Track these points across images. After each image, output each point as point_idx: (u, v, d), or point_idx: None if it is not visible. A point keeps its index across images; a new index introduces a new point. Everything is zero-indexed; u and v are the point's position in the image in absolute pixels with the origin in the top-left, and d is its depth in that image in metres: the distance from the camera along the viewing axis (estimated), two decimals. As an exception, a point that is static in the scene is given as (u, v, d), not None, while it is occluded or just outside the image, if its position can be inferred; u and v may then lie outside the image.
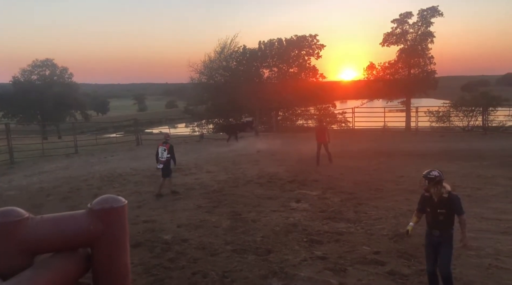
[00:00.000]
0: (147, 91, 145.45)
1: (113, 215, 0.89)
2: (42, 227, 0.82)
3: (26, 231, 0.79)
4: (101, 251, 0.87)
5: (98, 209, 0.88)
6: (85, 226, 0.84)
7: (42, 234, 0.80)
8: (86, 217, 0.87)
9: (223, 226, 8.03)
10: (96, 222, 0.86)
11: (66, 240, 0.83)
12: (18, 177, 14.58)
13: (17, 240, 0.78)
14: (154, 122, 55.08)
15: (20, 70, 50.62)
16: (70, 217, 0.88)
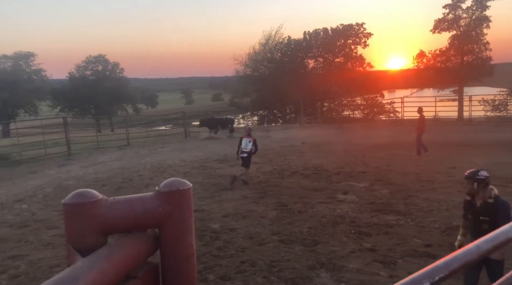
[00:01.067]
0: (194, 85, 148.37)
1: (179, 197, 0.93)
2: (115, 208, 0.88)
3: (100, 211, 0.85)
4: (169, 232, 0.92)
5: (166, 191, 0.93)
6: (154, 208, 0.90)
7: (115, 214, 0.86)
8: (155, 199, 0.92)
9: (270, 216, 8.10)
10: (164, 203, 0.91)
11: (136, 220, 0.88)
12: (75, 168, 15.39)
13: (93, 219, 0.84)
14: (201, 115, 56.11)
15: (75, 66, 53.15)
16: (140, 199, 0.93)
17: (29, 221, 8.72)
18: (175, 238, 0.93)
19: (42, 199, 10.74)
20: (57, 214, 9.13)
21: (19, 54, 49.69)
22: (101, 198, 0.89)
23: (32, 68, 50.22)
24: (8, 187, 12.56)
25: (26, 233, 7.86)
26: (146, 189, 11.31)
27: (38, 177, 14.00)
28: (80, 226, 0.83)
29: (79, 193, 0.89)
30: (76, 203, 0.85)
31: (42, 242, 7.30)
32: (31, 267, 6.19)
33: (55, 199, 10.57)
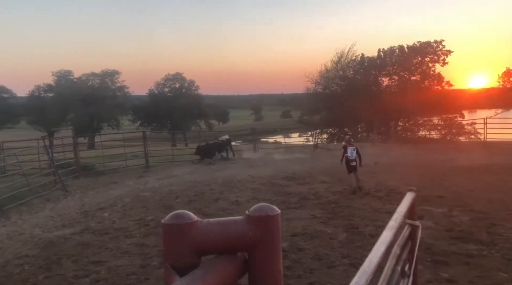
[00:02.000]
0: (264, 102, 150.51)
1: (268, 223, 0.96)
2: (209, 230, 0.92)
3: (196, 232, 0.90)
4: (258, 256, 0.94)
5: (256, 216, 0.96)
6: (245, 232, 0.92)
7: (208, 236, 0.90)
8: (245, 223, 0.95)
9: (339, 238, 7.90)
10: (253, 228, 0.93)
11: (228, 243, 0.91)
12: (152, 180, 16.23)
13: (189, 240, 0.88)
14: (270, 132, 56.77)
15: (155, 83, 56.62)
16: (232, 222, 0.96)
17: (109, 229, 9.30)
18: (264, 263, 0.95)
19: (121, 208, 11.42)
20: (134, 224, 9.64)
21: (105, 72, 54.03)
22: (197, 219, 0.94)
23: (116, 85, 54.33)
24: (92, 195, 13.55)
25: (106, 240, 8.39)
26: (216, 203, 11.59)
27: (118, 187, 14.95)
28: (178, 246, 0.88)
29: (177, 214, 0.94)
30: (175, 224, 0.90)
31: (120, 249, 7.74)
32: (110, 273, 6.58)
33: (133, 209, 11.19)
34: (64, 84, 52.28)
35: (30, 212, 11.42)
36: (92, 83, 53.17)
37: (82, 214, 10.95)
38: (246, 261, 0.99)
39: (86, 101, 49.45)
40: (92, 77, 53.93)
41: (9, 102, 53.48)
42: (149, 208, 11.26)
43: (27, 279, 6.55)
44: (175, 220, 0.92)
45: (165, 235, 0.94)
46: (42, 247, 8.13)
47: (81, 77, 53.80)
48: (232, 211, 10.54)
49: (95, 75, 53.92)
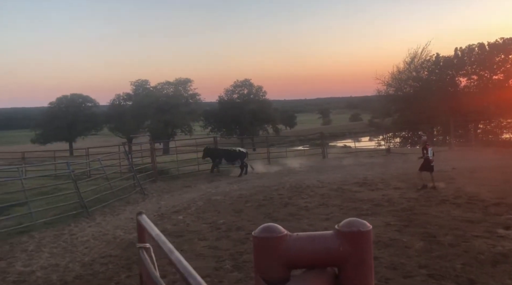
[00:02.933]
0: (332, 105, 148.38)
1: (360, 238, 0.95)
2: (298, 243, 0.93)
3: (285, 246, 0.91)
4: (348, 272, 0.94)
5: (346, 231, 0.95)
6: (335, 246, 0.92)
7: (298, 250, 0.91)
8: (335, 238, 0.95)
9: (416, 247, 7.54)
10: (344, 243, 0.93)
11: (318, 258, 0.92)
12: (222, 184, 16.66)
13: (279, 254, 0.90)
14: (338, 136, 55.74)
15: (224, 90, 58.20)
16: (321, 236, 0.97)
17: (184, 231, 9.69)
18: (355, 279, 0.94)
19: (195, 211, 11.85)
20: (207, 227, 9.96)
21: (179, 80, 56.58)
22: (286, 233, 0.96)
23: (188, 93, 56.65)
24: (168, 198, 14.22)
25: (181, 242, 8.75)
26: (285, 208, 11.60)
27: (191, 190, 15.54)
28: (268, 259, 0.90)
29: (268, 227, 0.97)
30: (265, 237, 0.92)
31: (194, 252, 8.03)
32: (185, 274, 6.85)
33: (206, 212, 11.57)
34: (141, 93, 55.53)
35: (112, 213, 12.23)
36: (166, 92, 55.94)
37: (159, 216, 11.52)
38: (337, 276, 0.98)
39: (161, 109, 52.12)
40: (166, 85, 56.76)
41: (93, 111, 57.83)
42: (220, 211, 11.56)
43: (111, 278, 7.02)
44: (266, 233, 0.95)
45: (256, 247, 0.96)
46: (123, 248, 8.67)
47: (156, 86, 56.84)
48: (301, 216, 10.50)
49: (169, 83, 56.68)
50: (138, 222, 2.59)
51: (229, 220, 10.45)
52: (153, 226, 2.34)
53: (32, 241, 9.51)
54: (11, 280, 7.13)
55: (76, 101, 56.80)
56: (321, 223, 9.67)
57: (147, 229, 2.35)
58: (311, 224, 9.56)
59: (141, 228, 2.56)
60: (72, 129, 54.17)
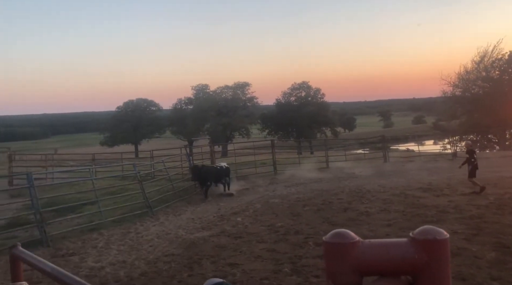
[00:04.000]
0: (393, 108, 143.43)
1: (436, 247, 0.92)
2: (371, 250, 0.92)
3: (358, 252, 0.91)
4: (424, 282, 0.91)
5: (422, 239, 0.93)
6: (410, 255, 0.90)
7: (371, 257, 0.90)
8: (410, 246, 0.93)
9: (487, 257, 7.07)
10: (419, 252, 0.90)
11: (391, 265, 0.90)
12: (280, 187, 16.67)
13: (351, 260, 0.90)
14: (400, 139, 53.71)
15: (282, 93, 58.36)
16: (395, 243, 0.95)
17: (243, 233, 9.81)
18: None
19: (253, 213, 11.97)
20: (265, 229, 10.01)
21: (237, 84, 57.59)
22: (358, 239, 0.95)
23: (246, 96, 57.43)
24: (227, 200, 14.50)
25: (240, 243, 8.87)
26: (345, 213, 11.37)
27: (249, 193, 15.71)
28: (340, 265, 0.90)
29: (339, 233, 0.96)
30: (337, 243, 0.92)
31: (253, 253, 8.10)
32: (244, 276, 6.94)
33: (264, 215, 11.64)
34: (201, 97, 57.16)
35: (175, 214, 12.68)
36: (225, 95, 57.14)
37: (218, 217, 11.77)
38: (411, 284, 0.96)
39: (220, 112, 53.33)
40: (225, 89, 57.99)
41: (157, 115, 60.52)
42: (278, 214, 11.58)
43: (174, 276, 7.28)
44: (337, 238, 0.94)
45: (327, 253, 0.96)
46: (185, 247, 8.95)
47: (216, 90, 58.25)
48: (361, 221, 10.23)
49: (228, 87, 57.87)
50: (13, 256, 2.31)
51: (287, 223, 10.43)
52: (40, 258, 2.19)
53: (102, 238, 10.10)
54: (83, 275, 7.62)
55: (141, 106, 59.72)
56: (382, 229, 9.37)
57: (31, 262, 2.15)
58: (372, 230, 9.29)
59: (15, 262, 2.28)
60: (137, 132, 57.04)
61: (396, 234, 9.00)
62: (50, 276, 2.02)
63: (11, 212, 12.59)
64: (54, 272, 1.98)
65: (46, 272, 2.04)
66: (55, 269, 2.02)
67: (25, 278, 2.29)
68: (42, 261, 2.18)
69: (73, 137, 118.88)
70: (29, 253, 2.28)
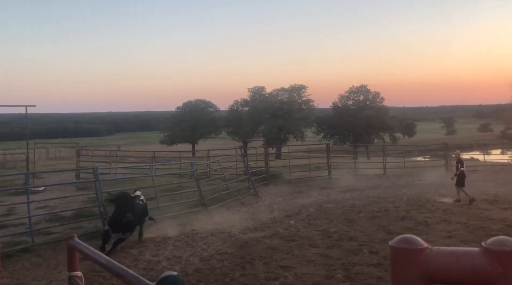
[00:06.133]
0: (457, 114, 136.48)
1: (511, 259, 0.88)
2: (440, 258, 0.90)
3: (426, 259, 0.89)
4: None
5: (496, 250, 0.89)
6: (482, 265, 0.87)
7: (440, 264, 0.88)
8: (483, 256, 0.90)
9: None
10: (493, 263, 0.87)
11: (461, 275, 0.88)
12: (334, 192, 16.42)
13: (418, 267, 0.88)
14: (464, 147, 50.87)
15: (339, 96, 57.48)
16: (466, 252, 0.92)
17: (295, 236, 9.78)
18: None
19: (306, 217, 11.89)
20: (318, 234, 9.91)
21: (293, 87, 57.52)
22: (426, 246, 0.93)
23: (302, 99, 57.18)
24: (279, 202, 14.51)
25: (293, 246, 8.85)
26: (402, 221, 10.98)
27: (302, 196, 15.62)
28: (407, 271, 0.89)
29: (406, 239, 0.95)
30: (404, 248, 0.91)
31: (305, 257, 8.05)
32: (296, 279, 6.91)
33: (317, 219, 11.52)
34: (257, 99, 57.72)
35: (228, 213, 12.89)
36: (281, 98, 57.27)
37: (271, 219, 11.81)
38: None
39: (275, 115, 53.51)
40: (281, 92, 58.14)
41: (213, 116, 62.01)
42: (331, 220, 11.41)
43: (227, 274, 7.41)
44: (404, 244, 0.93)
45: (393, 258, 0.95)
46: (238, 247, 9.08)
47: (272, 92, 58.54)
48: (420, 231, 9.82)
49: (284, 90, 57.97)
50: (69, 246, 2.36)
51: (341, 229, 10.25)
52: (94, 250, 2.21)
53: (159, 233, 10.48)
54: (141, 267, 7.96)
55: (200, 106, 61.48)
56: (442, 240, 8.94)
57: (86, 253, 2.21)
58: (431, 241, 8.63)
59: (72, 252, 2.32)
60: (195, 132, 58.72)
61: (457, 246, 8.54)
62: (105, 268, 2.12)
63: (77, 204, 13.43)
64: (109, 264, 2.08)
65: (101, 264, 2.14)
66: (110, 261, 2.12)
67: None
68: (97, 252, 2.28)
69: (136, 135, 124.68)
70: (85, 244, 2.36)
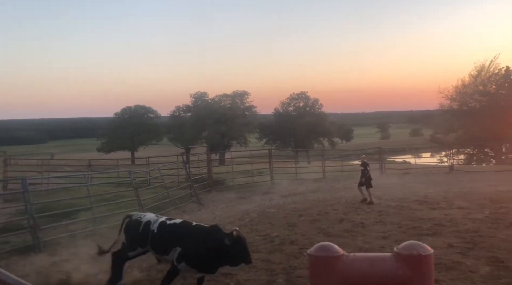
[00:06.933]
0: (391, 120, 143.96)
1: (420, 262, 0.91)
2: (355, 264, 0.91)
3: (342, 266, 0.90)
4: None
5: (406, 255, 0.92)
6: (393, 269, 0.90)
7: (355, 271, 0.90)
8: (394, 260, 0.93)
9: (481, 272, 7.04)
10: (403, 267, 0.90)
11: (375, 280, 0.90)
12: (276, 196, 16.64)
13: (335, 274, 0.90)
14: (397, 151, 53.78)
15: (280, 103, 58.53)
16: (380, 258, 0.95)
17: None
18: (414, 305, 0.91)
19: (248, 223, 11.92)
20: (260, 239, 9.96)
21: (236, 93, 57.73)
22: (343, 253, 0.95)
23: (245, 105, 57.51)
24: (222, 209, 14.45)
25: (235, 253, 8.80)
26: (341, 224, 11.34)
27: (245, 202, 15.66)
28: (324, 278, 0.90)
29: (323, 246, 0.96)
30: (322, 256, 0.92)
31: (248, 263, 8.04)
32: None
33: (259, 224, 11.59)
34: (200, 105, 57.23)
35: (170, 221, 12.59)
36: (224, 104, 57.22)
37: (213, 226, 11.69)
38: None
39: (218, 120, 53.37)
40: (224, 98, 58.10)
41: (154, 122, 60.48)
42: (274, 224, 11.53)
43: (167, 283, 7.20)
44: (322, 252, 0.94)
45: (312, 266, 0.96)
46: (179, 255, 8.87)
47: (214, 98, 58.33)
48: (357, 233, 10.20)
49: (227, 96, 57.98)
50: None
51: (283, 233, 10.38)
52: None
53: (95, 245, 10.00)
54: (77, 282, 7.53)
55: (139, 112, 59.72)
56: (378, 241, 9.34)
57: None
58: (367, 242, 9.26)
59: None
60: (134, 139, 56.92)
61: (391, 246, 8.96)
62: None
63: (4, 217, 12.49)
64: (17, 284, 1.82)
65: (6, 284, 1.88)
66: (19, 282, 1.85)
67: None
68: (3, 271, 1.98)
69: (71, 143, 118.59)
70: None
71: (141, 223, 6.81)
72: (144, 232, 6.68)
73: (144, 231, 6.68)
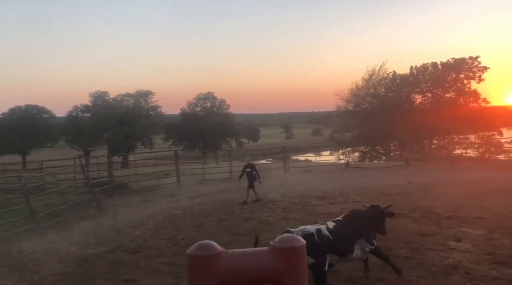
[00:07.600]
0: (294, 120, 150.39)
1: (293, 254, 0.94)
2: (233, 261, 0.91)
3: (220, 264, 0.89)
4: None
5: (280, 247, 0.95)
6: (269, 263, 0.91)
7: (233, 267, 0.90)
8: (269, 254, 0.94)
9: (372, 260, 7.66)
10: (278, 259, 0.92)
11: (253, 274, 0.90)
12: (183, 198, 16.38)
13: (213, 271, 0.88)
14: (300, 150, 56.44)
15: (187, 103, 57.72)
16: (256, 253, 0.96)
17: (141, 247, 9.41)
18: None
19: (153, 226, 11.56)
20: (166, 242, 9.73)
21: (140, 92, 55.61)
22: (221, 250, 0.94)
23: (150, 105, 55.70)
24: (125, 213, 13.80)
25: (138, 258, 8.49)
26: (247, 222, 11.54)
27: (150, 205, 15.17)
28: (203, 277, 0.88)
29: (202, 245, 0.94)
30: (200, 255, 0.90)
31: (151, 268, 7.80)
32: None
33: (164, 227, 11.31)
34: (100, 104, 54.11)
35: (66, 229, 11.71)
36: (127, 104, 54.78)
37: (116, 232, 11.14)
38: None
39: (121, 121, 50.91)
40: (127, 97, 55.61)
41: (49, 123, 55.70)
42: (180, 226, 11.34)
43: (62, 296, 6.69)
44: (200, 251, 0.92)
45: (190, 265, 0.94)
46: (77, 265, 8.30)
47: (116, 97, 55.56)
48: (262, 230, 10.44)
49: (130, 95, 55.59)
50: None
51: (189, 235, 10.26)
52: None
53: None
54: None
55: (31, 112, 54.61)
56: (281, 237, 9.67)
57: None
58: (272, 238, 9.52)
59: None
60: (26, 141, 51.89)
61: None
62: None
63: None
64: None
65: None
66: None
67: None
68: None
69: None
70: None
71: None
72: None
73: None
